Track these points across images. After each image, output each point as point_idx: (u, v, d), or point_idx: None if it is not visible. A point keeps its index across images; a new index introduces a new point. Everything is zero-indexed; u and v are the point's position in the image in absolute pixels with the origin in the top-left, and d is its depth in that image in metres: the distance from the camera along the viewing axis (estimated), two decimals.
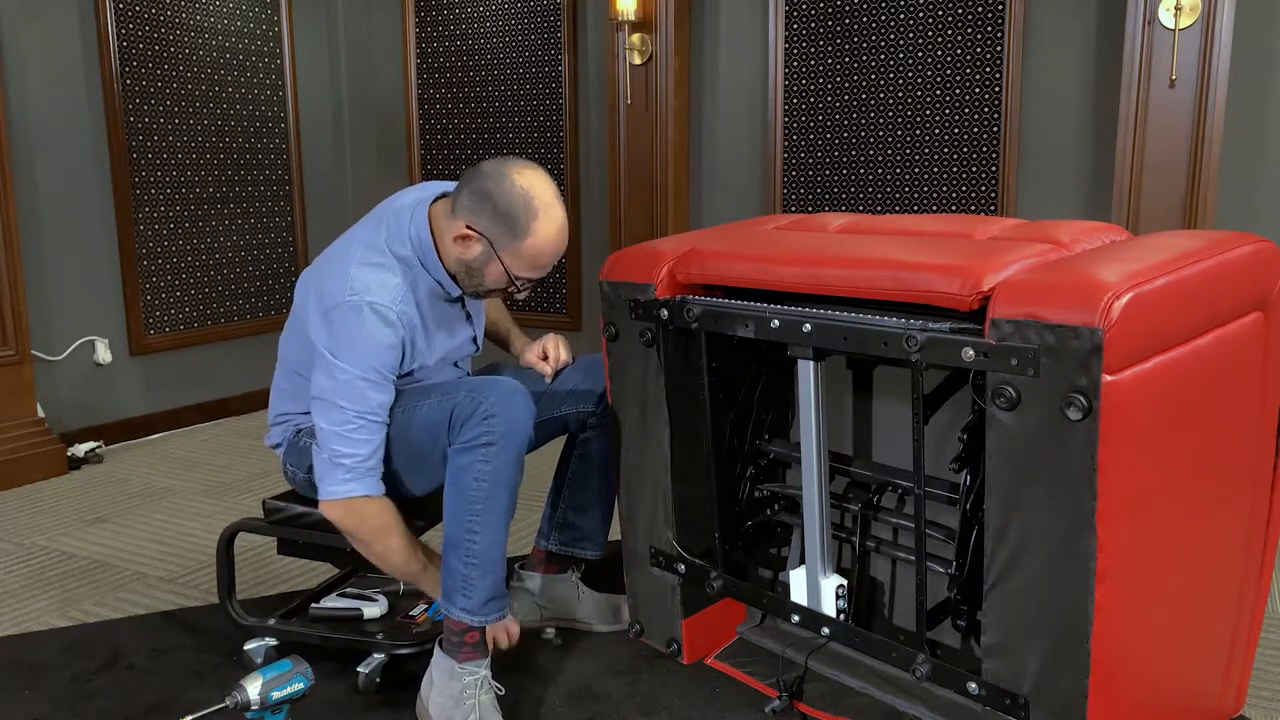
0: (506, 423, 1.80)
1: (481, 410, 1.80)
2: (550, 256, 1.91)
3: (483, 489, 1.81)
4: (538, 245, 1.88)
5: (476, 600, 1.84)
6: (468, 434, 1.81)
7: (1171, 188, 3.20)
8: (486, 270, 1.91)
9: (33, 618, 2.45)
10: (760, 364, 2.13)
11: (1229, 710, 1.88)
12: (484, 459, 1.80)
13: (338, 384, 1.84)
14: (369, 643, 2.06)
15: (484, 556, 1.83)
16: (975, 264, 1.60)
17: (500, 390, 1.83)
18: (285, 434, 2.10)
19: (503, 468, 1.81)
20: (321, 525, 2.01)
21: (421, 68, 4.75)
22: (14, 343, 3.46)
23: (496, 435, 1.79)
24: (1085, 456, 1.42)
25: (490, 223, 1.86)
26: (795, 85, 3.98)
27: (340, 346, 1.84)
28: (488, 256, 1.89)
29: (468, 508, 1.82)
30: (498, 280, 1.93)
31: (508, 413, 1.81)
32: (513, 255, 1.88)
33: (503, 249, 1.88)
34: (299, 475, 2.06)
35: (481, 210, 1.86)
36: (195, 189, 4.18)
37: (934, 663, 1.73)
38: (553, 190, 1.89)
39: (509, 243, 1.87)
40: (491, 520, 1.82)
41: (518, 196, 1.85)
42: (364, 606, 2.13)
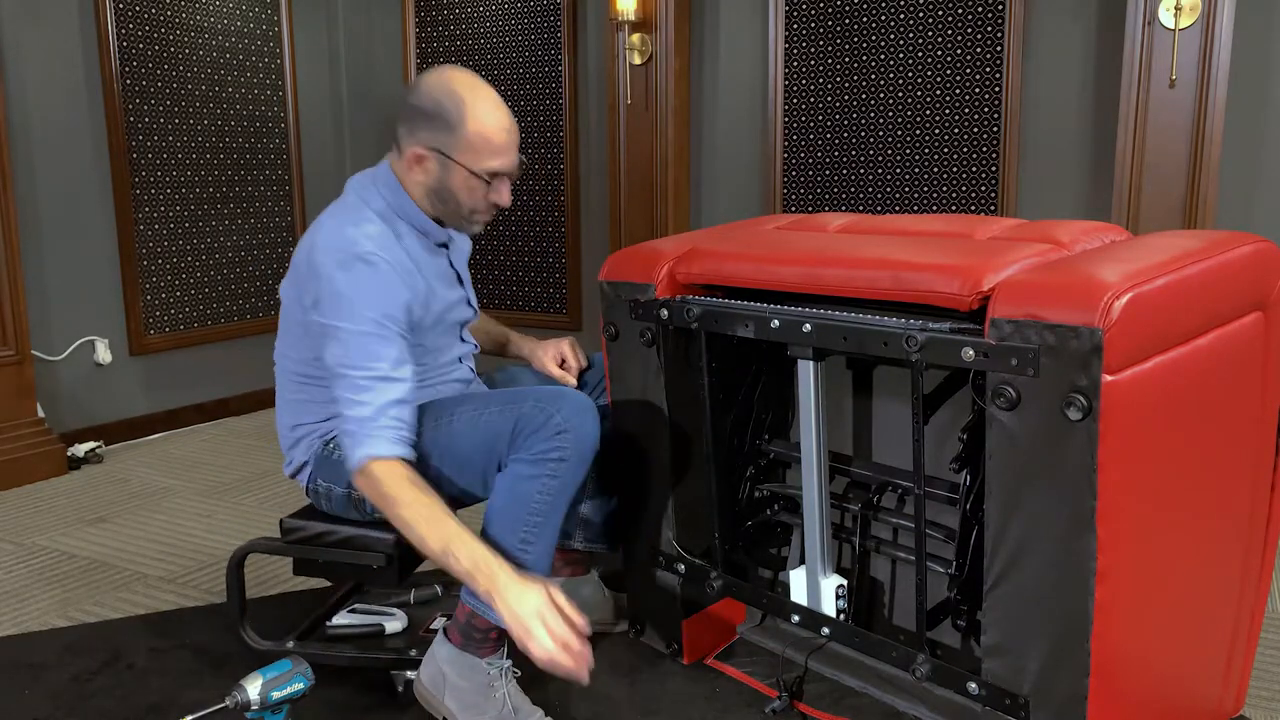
0: (579, 439, 1.75)
1: (554, 424, 1.74)
2: (502, 134, 1.84)
3: (545, 502, 1.75)
4: (480, 125, 1.81)
5: None
6: (537, 446, 1.74)
7: (1171, 188, 3.20)
8: (452, 183, 1.86)
9: (33, 618, 2.45)
10: (760, 364, 2.13)
11: (1229, 710, 1.88)
12: (552, 474, 1.74)
13: (345, 347, 1.75)
14: (402, 660, 2.01)
15: (535, 567, 1.77)
16: (975, 264, 1.60)
17: (573, 405, 1.76)
18: (311, 450, 1.98)
19: (569, 484, 1.76)
20: (348, 543, 1.94)
21: (421, 68, 4.74)
22: (14, 343, 3.46)
23: (569, 452, 1.74)
24: (1085, 456, 1.42)
25: (428, 132, 1.82)
26: (795, 85, 3.98)
27: (337, 307, 1.77)
28: (445, 166, 1.84)
29: (526, 519, 1.76)
30: (469, 190, 1.86)
31: (581, 429, 1.75)
32: (464, 150, 1.83)
33: (453, 149, 1.82)
34: (336, 491, 1.93)
35: (415, 125, 1.83)
36: (195, 189, 4.18)
37: (934, 663, 1.73)
38: (470, 73, 1.86)
39: (453, 138, 1.82)
40: (548, 533, 1.78)
41: (438, 90, 1.81)
42: (384, 621, 2.10)
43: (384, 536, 1.91)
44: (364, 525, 1.95)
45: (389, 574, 1.95)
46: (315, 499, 2.01)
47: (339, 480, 1.92)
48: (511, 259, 4.72)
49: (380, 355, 1.76)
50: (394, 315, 1.79)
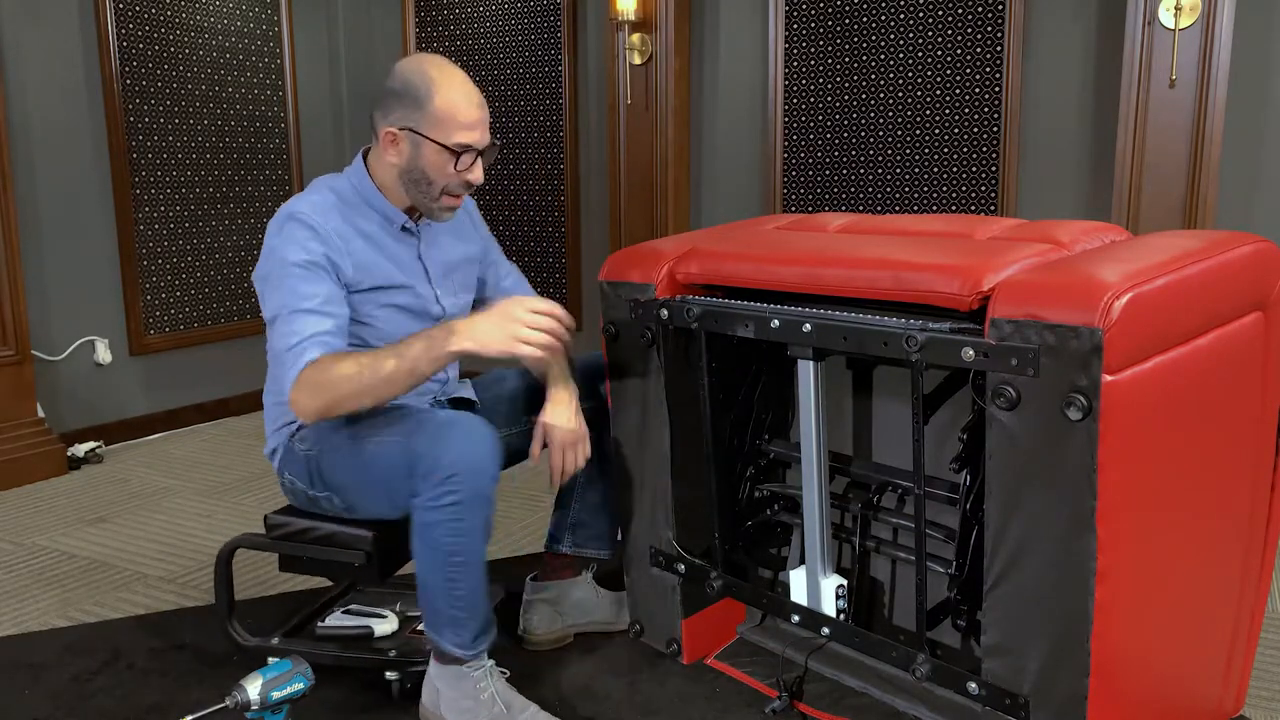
0: (471, 478, 1.72)
1: (443, 467, 1.71)
2: (471, 109, 1.88)
3: (459, 543, 1.75)
4: (448, 100, 1.86)
5: (467, 637, 1.82)
6: (432, 492, 1.73)
7: (1171, 188, 3.20)
8: (423, 160, 1.89)
9: (33, 618, 2.45)
10: (760, 364, 2.13)
11: (1229, 710, 1.88)
12: (454, 517, 1.73)
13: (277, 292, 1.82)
14: (384, 661, 2.02)
15: (468, 601, 1.80)
16: (975, 264, 1.60)
17: (461, 443, 1.72)
18: (280, 439, 2.04)
19: (475, 522, 1.75)
20: (330, 540, 1.98)
21: None
22: (14, 343, 3.46)
23: (463, 494, 1.71)
24: (1085, 456, 1.42)
25: (400, 111, 1.87)
26: (795, 85, 3.98)
27: (269, 260, 1.86)
28: (416, 143, 1.88)
29: (447, 559, 1.76)
30: (438, 166, 1.89)
31: (471, 469, 1.72)
32: (433, 125, 1.86)
33: (422, 125, 1.86)
34: (296, 485, 2.01)
35: (389, 106, 1.89)
36: (195, 189, 4.18)
37: (934, 663, 1.73)
38: (443, 58, 1.92)
39: (422, 115, 1.86)
40: (471, 570, 1.78)
41: (409, 72, 1.87)
42: (374, 624, 2.11)
43: (363, 534, 1.94)
44: (344, 523, 1.97)
45: (369, 571, 1.97)
46: (286, 493, 2.06)
47: (299, 476, 1.98)
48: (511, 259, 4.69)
49: (308, 294, 1.82)
50: (319, 262, 1.84)
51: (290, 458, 2.00)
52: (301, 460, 1.97)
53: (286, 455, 2.01)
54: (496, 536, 2.94)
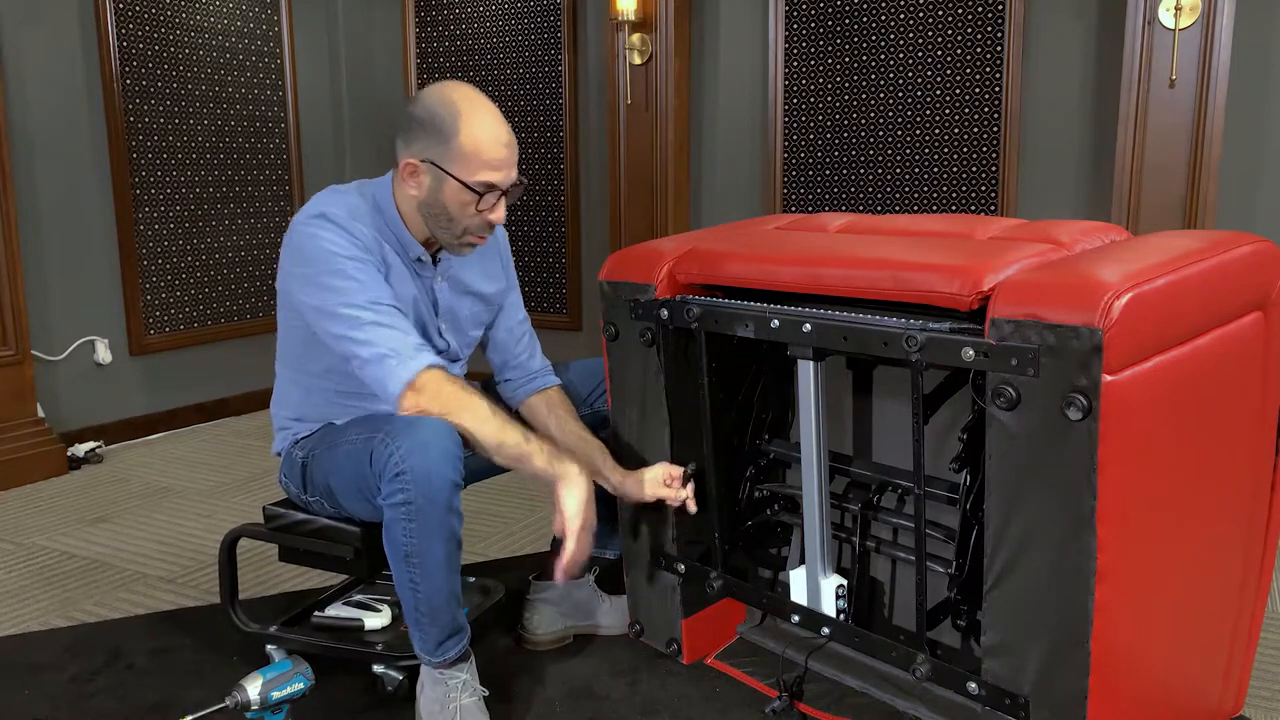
0: (420, 478, 1.67)
1: (393, 464, 1.68)
2: (498, 148, 1.81)
3: (414, 544, 1.72)
4: (474, 136, 1.79)
5: (430, 642, 1.82)
6: (386, 488, 1.71)
7: (1171, 188, 3.20)
8: (444, 197, 1.82)
9: (33, 618, 2.45)
10: (760, 364, 2.13)
11: (1229, 710, 1.88)
12: (406, 516, 1.70)
13: (326, 289, 1.76)
14: (370, 654, 2.04)
15: (428, 605, 1.78)
16: (975, 264, 1.60)
17: (412, 442, 1.68)
18: (284, 443, 2.05)
19: (429, 524, 1.70)
20: (322, 534, 2.01)
21: (421, 68, 4.75)
22: (14, 343, 3.46)
23: (413, 493, 1.68)
24: (1085, 456, 1.42)
25: (423, 142, 1.80)
26: (795, 85, 3.98)
27: (307, 259, 1.79)
28: (438, 178, 1.81)
29: (404, 560, 1.75)
30: (460, 204, 1.82)
31: (421, 466, 1.67)
32: (457, 161, 1.79)
33: (445, 160, 1.79)
34: (290, 489, 2.02)
35: (411, 136, 1.82)
36: (195, 189, 4.18)
37: (934, 663, 1.73)
38: (471, 87, 1.84)
39: (446, 149, 1.79)
40: (430, 571, 1.75)
41: (435, 102, 1.80)
42: (366, 617, 2.12)
43: (352, 529, 1.97)
44: (337, 517, 1.99)
45: (359, 565, 1.99)
46: (282, 487, 2.09)
47: (293, 479, 2.00)
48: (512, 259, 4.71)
49: (377, 289, 1.79)
50: (364, 255, 1.81)
51: (288, 463, 2.03)
52: (297, 465, 1.99)
53: (286, 460, 2.04)
54: (497, 536, 2.94)
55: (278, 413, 2.07)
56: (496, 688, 1.94)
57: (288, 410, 2.05)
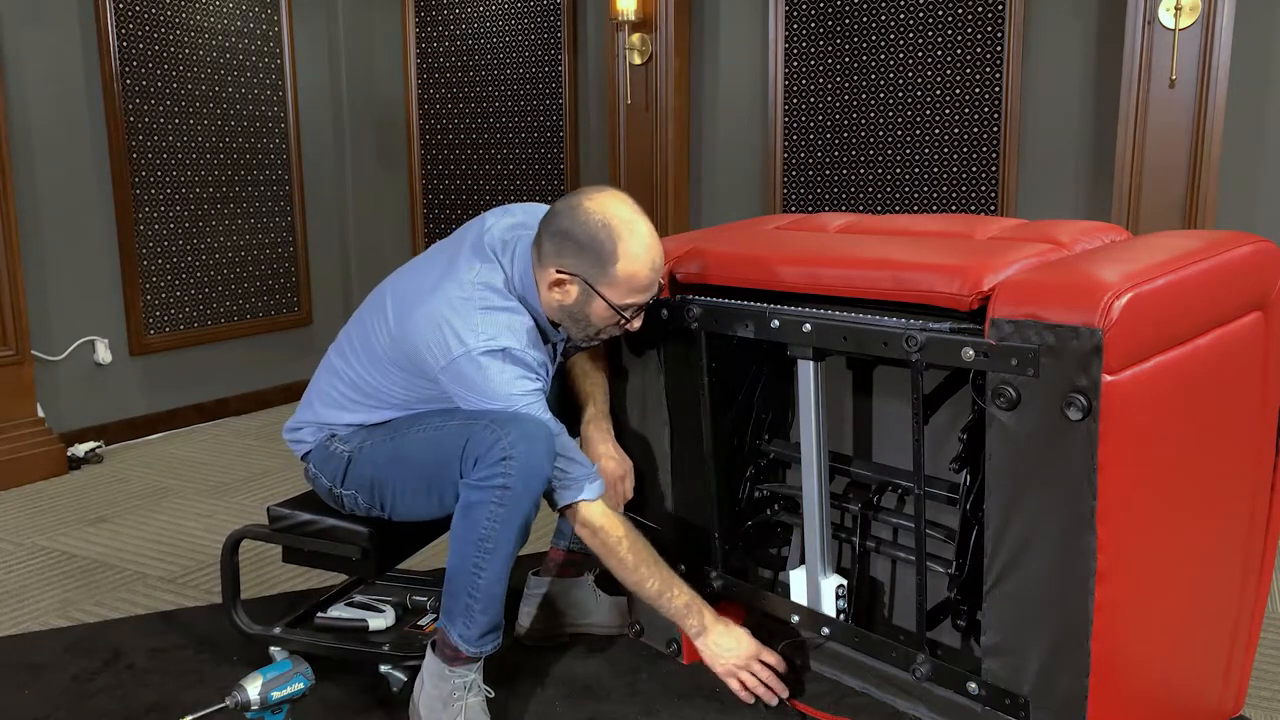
0: (524, 468, 1.73)
1: (499, 449, 1.73)
2: (648, 274, 1.81)
3: (494, 529, 1.76)
4: (631, 268, 1.78)
5: (475, 631, 1.83)
6: (482, 471, 1.75)
7: (1171, 188, 3.20)
8: (590, 311, 1.84)
9: (33, 618, 2.45)
10: (760, 364, 2.13)
11: (1229, 710, 1.88)
12: (498, 501, 1.74)
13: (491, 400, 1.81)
14: (375, 654, 2.04)
15: (487, 592, 1.80)
16: (975, 264, 1.60)
17: (522, 430, 1.75)
18: (317, 436, 2.04)
19: (516, 513, 1.76)
20: (328, 534, 2.00)
21: (421, 68, 4.75)
22: (14, 343, 3.46)
23: (513, 479, 1.73)
24: (1085, 456, 1.42)
25: (576, 260, 1.79)
26: (795, 85, 3.98)
27: (481, 393, 1.80)
28: (587, 295, 1.82)
29: (476, 544, 1.77)
30: (605, 318, 1.85)
31: (527, 457, 1.74)
32: (609, 285, 1.80)
33: (598, 282, 1.80)
34: (321, 480, 2.02)
35: (565, 249, 1.80)
36: (195, 189, 4.18)
37: (934, 663, 1.73)
38: (629, 206, 1.82)
39: (601, 274, 1.79)
40: (499, 559, 1.78)
41: (595, 224, 1.77)
42: (370, 617, 2.12)
43: (360, 529, 1.97)
44: (343, 518, 2.00)
45: (365, 566, 2.00)
46: (309, 481, 2.08)
47: (326, 472, 2.00)
48: None
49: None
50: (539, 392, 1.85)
51: (322, 454, 2.02)
52: (336, 459, 1.98)
53: (318, 450, 2.03)
54: None
55: (318, 409, 2.04)
56: (497, 687, 1.94)
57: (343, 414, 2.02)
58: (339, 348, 2.04)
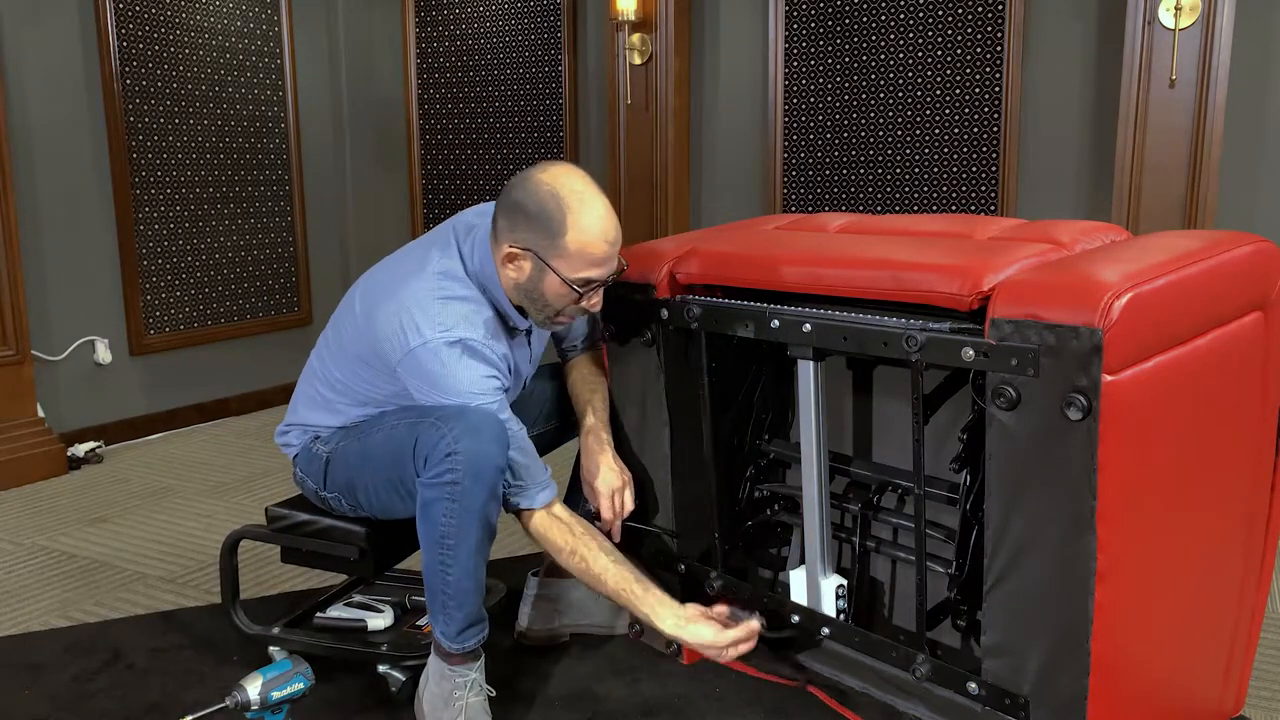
0: (471, 460, 1.71)
1: (444, 445, 1.72)
2: (603, 246, 1.78)
3: (452, 525, 1.75)
4: (581, 237, 1.76)
5: (454, 628, 1.82)
6: (433, 469, 1.73)
7: (1171, 188, 3.20)
8: (544, 287, 1.81)
9: (33, 618, 2.45)
10: (760, 364, 2.13)
11: (1229, 710, 1.88)
12: (450, 497, 1.73)
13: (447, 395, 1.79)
14: (374, 654, 2.04)
15: (457, 588, 1.79)
16: (975, 264, 1.60)
17: (466, 422, 1.73)
18: (302, 439, 2.05)
19: (471, 507, 1.74)
20: (326, 534, 2.01)
21: (421, 68, 4.75)
22: (14, 343, 3.46)
23: (461, 474, 1.71)
24: (1085, 456, 1.42)
25: (528, 233, 1.78)
26: (795, 85, 3.98)
27: (438, 384, 1.78)
28: (539, 269, 1.79)
29: (439, 542, 1.77)
30: (560, 294, 1.82)
31: (473, 449, 1.71)
32: (561, 258, 1.78)
33: (549, 255, 1.77)
34: (308, 483, 2.03)
35: (516, 223, 1.78)
36: (195, 189, 4.18)
37: (934, 663, 1.73)
38: (583, 179, 1.80)
39: (551, 246, 1.77)
40: (463, 556, 1.77)
41: (545, 194, 1.76)
42: (369, 617, 2.12)
43: (358, 530, 1.98)
44: (340, 518, 2.00)
45: (364, 566, 2.00)
46: (298, 485, 2.09)
47: (311, 475, 2.01)
48: None
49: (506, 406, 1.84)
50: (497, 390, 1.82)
51: (306, 456, 2.03)
52: (318, 460, 1.99)
53: (303, 453, 2.05)
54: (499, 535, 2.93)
55: (303, 412, 2.05)
56: (497, 687, 1.94)
57: (325, 416, 2.03)
58: (318, 348, 2.05)
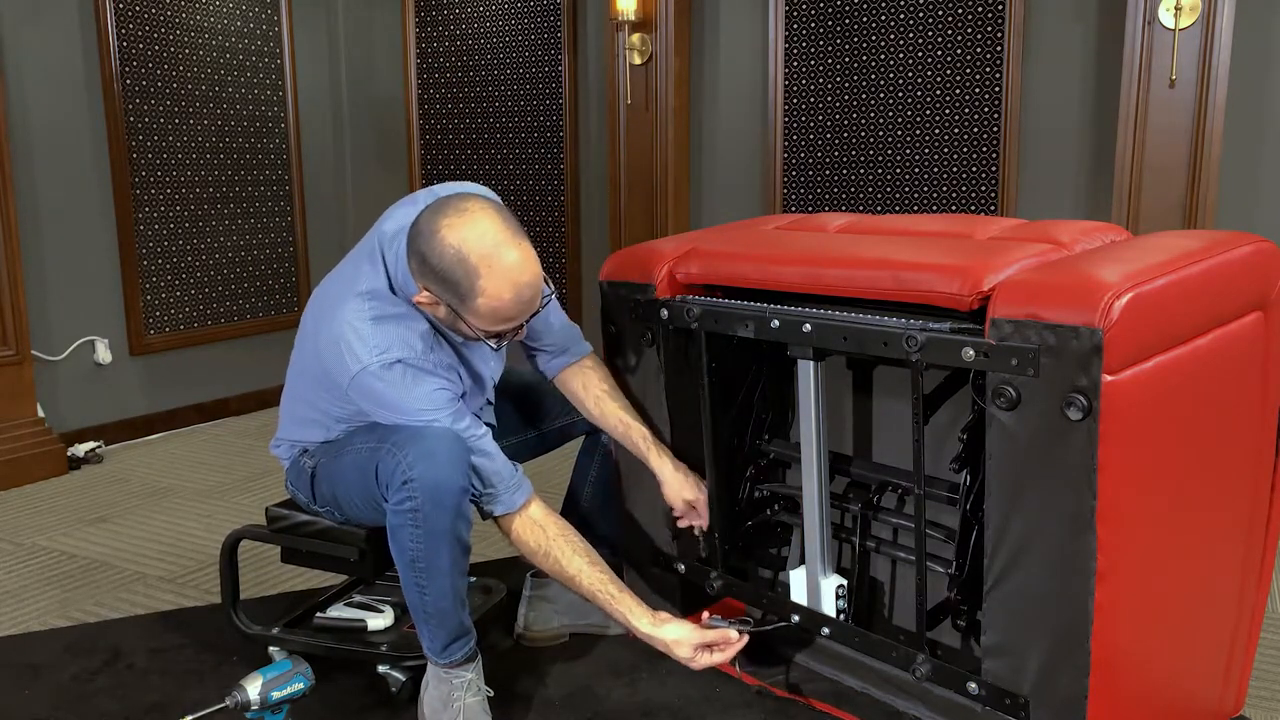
0: (428, 486, 1.69)
1: (399, 473, 1.70)
2: (514, 307, 1.71)
3: (420, 549, 1.74)
4: (491, 304, 1.68)
5: (438, 644, 1.83)
6: (394, 496, 1.72)
7: (1171, 188, 3.20)
8: (460, 328, 1.78)
9: (33, 618, 2.45)
10: (760, 364, 2.13)
11: (1229, 710, 1.88)
12: (414, 523, 1.72)
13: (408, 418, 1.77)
14: (374, 654, 2.04)
15: (435, 607, 1.79)
16: (975, 264, 1.60)
17: (420, 448, 1.70)
18: (290, 452, 2.06)
19: (436, 530, 1.72)
20: (325, 534, 2.01)
21: (421, 68, 4.75)
22: (14, 343, 3.46)
23: (419, 500, 1.70)
24: (1085, 456, 1.42)
25: (439, 288, 1.70)
26: (795, 85, 3.98)
27: (388, 405, 1.77)
28: (454, 317, 1.75)
29: (411, 565, 1.77)
30: (477, 336, 1.78)
31: (428, 475, 1.69)
32: (473, 316, 1.71)
33: (462, 310, 1.72)
34: (299, 497, 2.04)
35: (426, 274, 1.71)
36: (195, 189, 4.18)
37: (934, 663, 1.73)
38: (493, 232, 1.67)
39: (463, 306, 1.70)
40: (438, 576, 1.77)
41: (450, 258, 1.66)
42: (369, 617, 2.12)
43: (358, 531, 1.98)
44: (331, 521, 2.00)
45: (364, 566, 2.00)
46: (289, 495, 2.10)
47: (300, 488, 2.02)
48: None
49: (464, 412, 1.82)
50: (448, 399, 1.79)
51: (295, 470, 2.03)
52: (305, 475, 1.99)
53: (293, 466, 2.05)
54: (498, 536, 2.92)
55: (288, 427, 2.05)
56: (497, 687, 1.94)
57: (302, 431, 2.02)
58: (291, 362, 2.03)
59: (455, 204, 1.71)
